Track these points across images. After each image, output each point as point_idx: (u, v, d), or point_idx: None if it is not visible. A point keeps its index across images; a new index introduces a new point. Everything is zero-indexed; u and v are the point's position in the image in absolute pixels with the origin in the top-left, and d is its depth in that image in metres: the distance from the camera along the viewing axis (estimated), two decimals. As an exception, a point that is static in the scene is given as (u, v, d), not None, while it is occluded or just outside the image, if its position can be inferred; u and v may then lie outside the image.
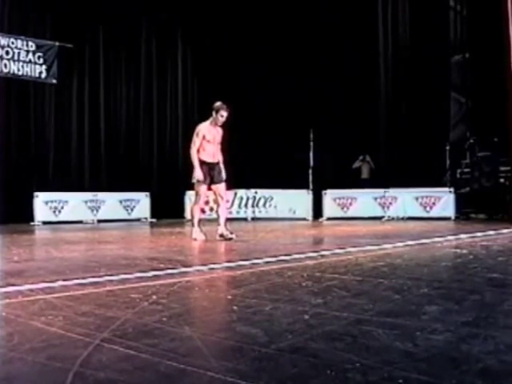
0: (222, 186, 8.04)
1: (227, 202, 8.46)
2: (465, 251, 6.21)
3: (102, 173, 15.40)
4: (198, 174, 7.76)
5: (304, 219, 14.17)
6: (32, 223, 13.14)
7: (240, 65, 16.49)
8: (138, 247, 7.80)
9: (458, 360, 2.21)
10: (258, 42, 16.44)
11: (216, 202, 8.43)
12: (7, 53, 13.36)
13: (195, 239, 7.92)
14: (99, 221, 14.12)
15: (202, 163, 7.80)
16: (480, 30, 13.95)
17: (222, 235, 7.91)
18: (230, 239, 7.80)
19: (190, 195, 15.07)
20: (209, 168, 7.87)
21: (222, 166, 8.06)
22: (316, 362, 2.19)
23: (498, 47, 12.05)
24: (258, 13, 16.38)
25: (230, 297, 3.63)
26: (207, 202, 12.81)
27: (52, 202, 13.69)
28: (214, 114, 7.85)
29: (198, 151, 7.81)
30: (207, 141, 7.83)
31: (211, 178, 7.88)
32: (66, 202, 13.89)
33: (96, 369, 2.13)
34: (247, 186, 14.94)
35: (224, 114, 7.83)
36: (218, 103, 7.89)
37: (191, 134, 8.05)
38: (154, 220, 14.85)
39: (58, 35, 14.24)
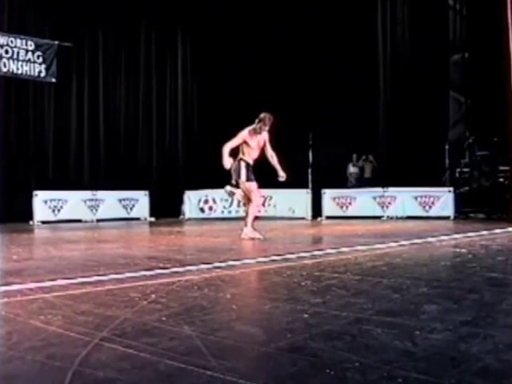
0: (253, 184, 7.94)
1: (259, 200, 8.37)
2: (464, 250, 6.21)
3: (102, 172, 15.40)
4: (225, 162, 7.64)
5: (303, 218, 14.16)
6: (31, 222, 13.13)
7: (240, 65, 16.47)
8: (137, 246, 7.81)
9: (457, 359, 2.21)
10: (258, 42, 16.42)
11: (247, 200, 8.17)
12: (6, 52, 13.34)
13: (252, 238, 7.75)
14: (98, 220, 14.11)
15: (247, 164, 7.85)
16: (479, 30, 13.93)
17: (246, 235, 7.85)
18: (253, 239, 7.74)
19: (189, 195, 15.09)
20: (250, 168, 7.90)
21: (278, 165, 8.10)
22: (315, 361, 2.19)
23: (497, 47, 12.02)
24: (257, 13, 16.37)
25: (229, 296, 3.63)
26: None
27: (51, 200, 13.68)
28: (256, 122, 7.77)
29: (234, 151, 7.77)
30: (251, 148, 7.85)
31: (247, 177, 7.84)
32: (66, 200, 13.89)
33: (95, 368, 2.13)
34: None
35: (264, 128, 7.80)
36: (266, 116, 7.76)
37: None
38: (153, 219, 14.84)
39: (57, 34, 14.23)
